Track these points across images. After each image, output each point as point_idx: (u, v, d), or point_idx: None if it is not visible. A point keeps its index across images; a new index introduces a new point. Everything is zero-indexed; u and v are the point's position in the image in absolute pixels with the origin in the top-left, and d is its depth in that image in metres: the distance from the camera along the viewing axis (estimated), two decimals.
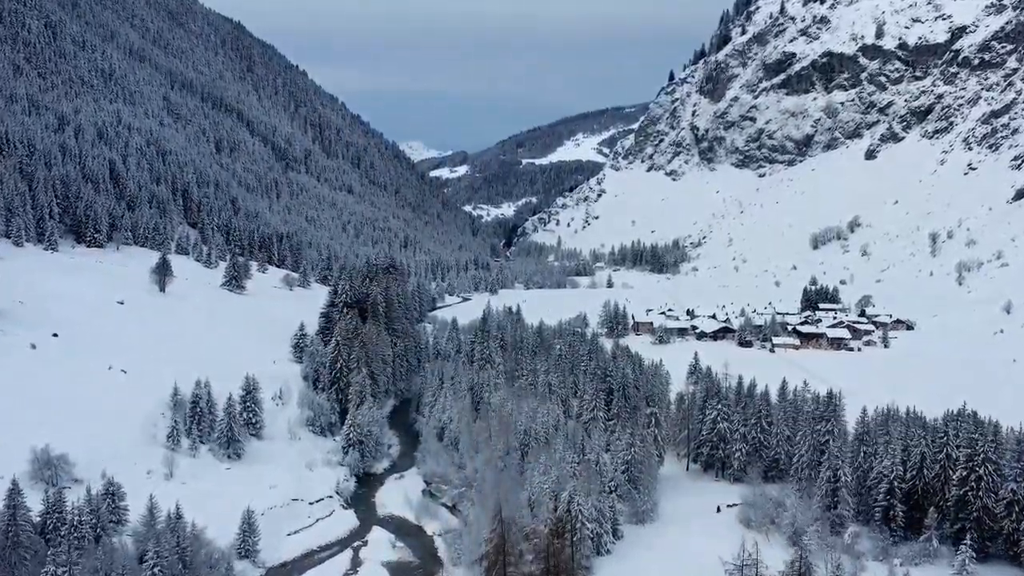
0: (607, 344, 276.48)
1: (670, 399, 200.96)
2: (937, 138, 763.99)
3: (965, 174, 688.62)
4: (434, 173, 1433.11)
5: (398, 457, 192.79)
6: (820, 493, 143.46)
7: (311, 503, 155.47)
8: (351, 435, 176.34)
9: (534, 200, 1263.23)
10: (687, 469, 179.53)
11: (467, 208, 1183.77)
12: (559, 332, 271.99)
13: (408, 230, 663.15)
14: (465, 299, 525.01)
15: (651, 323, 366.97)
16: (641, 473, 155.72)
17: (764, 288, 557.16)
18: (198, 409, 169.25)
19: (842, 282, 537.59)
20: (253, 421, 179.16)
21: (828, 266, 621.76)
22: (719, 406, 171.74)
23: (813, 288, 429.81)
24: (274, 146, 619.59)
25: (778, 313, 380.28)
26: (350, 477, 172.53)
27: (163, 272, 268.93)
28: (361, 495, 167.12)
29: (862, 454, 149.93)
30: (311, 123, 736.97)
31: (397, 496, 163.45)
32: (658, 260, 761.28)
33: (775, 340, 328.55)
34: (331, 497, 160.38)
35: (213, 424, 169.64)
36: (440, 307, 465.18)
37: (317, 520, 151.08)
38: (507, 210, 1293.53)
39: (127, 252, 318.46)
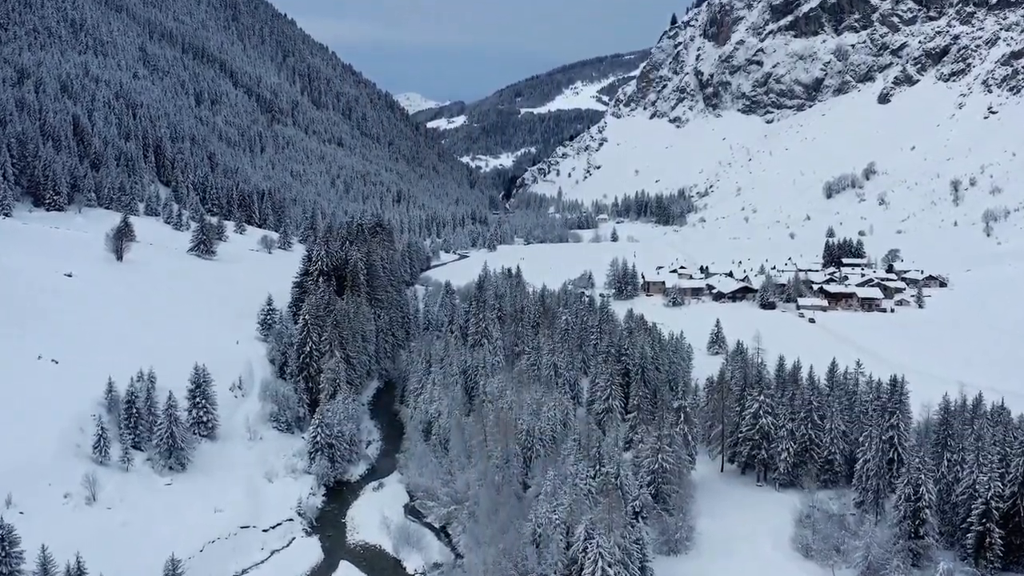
0: (618, 310, 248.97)
1: (697, 384, 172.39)
2: (954, 81, 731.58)
3: (985, 118, 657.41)
4: (431, 124, 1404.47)
5: (379, 457, 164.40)
6: (897, 516, 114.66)
7: (265, 530, 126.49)
8: (319, 438, 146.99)
9: (533, 150, 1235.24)
10: (721, 470, 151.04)
11: (465, 159, 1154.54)
12: (564, 299, 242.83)
13: (402, 184, 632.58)
14: (462, 256, 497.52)
15: (663, 283, 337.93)
16: (671, 484, 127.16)
17: (779, 241, 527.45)
18: (134, 410, 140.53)
19: (861, 233, 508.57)
20: (204, 420, 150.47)
21: (844, 216, 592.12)
22: (761, 397, 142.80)
23: (835, 242, 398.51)
24: (259, 97, 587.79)
25: (800, 270, 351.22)
26: (318, 489, 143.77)
27: (121, 238, 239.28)
28: (329, 514, 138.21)
29: (945, 462, 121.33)
30: (299, 73, 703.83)
31: (373, 515, 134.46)
32: (664, 211, 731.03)
33: (800, 301, 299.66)
34: (291, 520, 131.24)
35: (153, 427, 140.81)
36: (435, 266, 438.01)
37: (272, 553, 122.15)
38: (506, 160, 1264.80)
39: (90, 215, 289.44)
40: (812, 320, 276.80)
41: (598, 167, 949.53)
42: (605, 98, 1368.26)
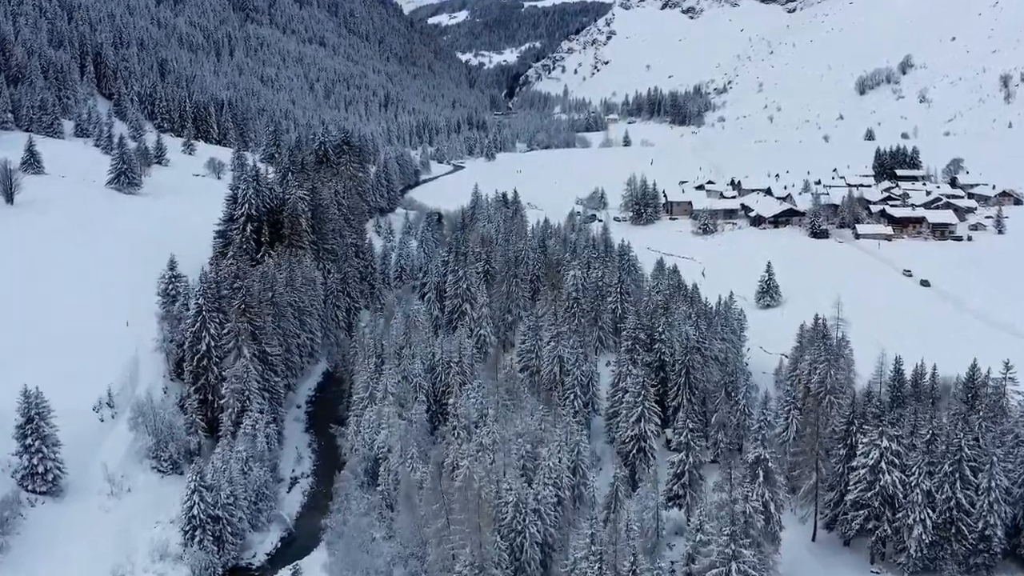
0: (637, 238, 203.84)
1: (764, 392, 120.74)
2: None
3: None
4: (432, 20, 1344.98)
5: (304, 508, 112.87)
6: None
7: None
8: (196, 511, 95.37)
9: (538, 45, 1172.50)
10: (813, 539, 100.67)
11: (467, 56, 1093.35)
12: (572, 241, 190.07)
13: (391, 86, 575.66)
14: (457, 167, 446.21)
15: (689, 203, 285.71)
16: None
17: (811, 144, 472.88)
18: None
19: (904, 136, 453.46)
20: (39, 471, 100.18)
21: (882, 115, 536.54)
22: (883, 441, 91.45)
23: (886, 150, 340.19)
24: None
25: (850, 185, 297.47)
26: None
27: (10, 175, 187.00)
28: None
29: None
30: None
31: None
32: (679, 110, 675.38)
33: (860, 228, 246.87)
34: None
35: None
36: (424, 180, 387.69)
37: None
38: (510, 56, 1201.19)
39: (6, 141, 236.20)
40: (926, 283, 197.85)
41: (606, 63, 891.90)
42: None
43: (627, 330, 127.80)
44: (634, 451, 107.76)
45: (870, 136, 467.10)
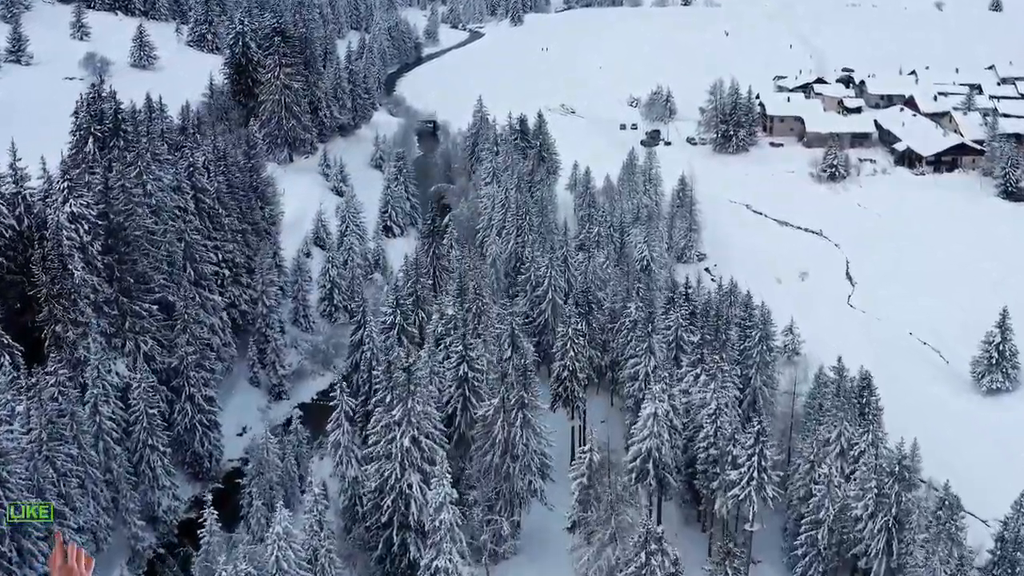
0: (722, 173, 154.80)
1: None
2: None
3: None
4: None
5: None
6: None
7: None
8: None
9: None
10: None
11: None
12: (642, 271, 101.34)
13: None
14: (474, 34, 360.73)
15: (799, 120, 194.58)
16: None
17: (920, 11, 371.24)
18: None
19: None
20: None
21: None
22: None
23: None
24: None
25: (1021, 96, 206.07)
26: None
27: None
28: None
29: None
30: None
31: None
32: None
33: None
34: None
35: None
36: (429, 56, 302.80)
37: None
38: None
39: None
40: None
41: None
42: None
43: None
44: None
45: (996, 6, 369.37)
